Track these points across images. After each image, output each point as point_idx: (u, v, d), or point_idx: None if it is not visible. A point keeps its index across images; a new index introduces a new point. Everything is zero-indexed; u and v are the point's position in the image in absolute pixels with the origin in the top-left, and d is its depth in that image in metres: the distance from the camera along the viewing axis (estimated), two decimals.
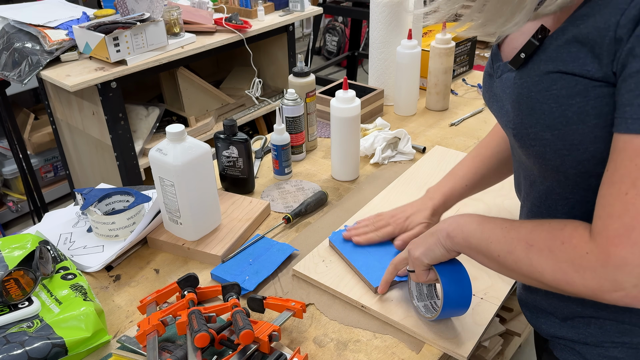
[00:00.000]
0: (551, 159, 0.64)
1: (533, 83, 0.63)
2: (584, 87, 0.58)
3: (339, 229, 1.06)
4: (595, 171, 0.61)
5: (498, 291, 0.90)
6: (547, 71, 0.61)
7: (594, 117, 0.58)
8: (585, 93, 0.58)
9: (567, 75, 0.59)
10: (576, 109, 0.59)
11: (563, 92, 0.59)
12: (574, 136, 0.60)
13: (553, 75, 0.60)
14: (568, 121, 0.60)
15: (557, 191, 0.68)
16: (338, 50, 4.74)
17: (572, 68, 0.58)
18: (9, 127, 2.18)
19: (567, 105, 0.59)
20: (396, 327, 0.85)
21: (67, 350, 0.77)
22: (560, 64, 0.60)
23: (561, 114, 0.60)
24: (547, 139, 0.62)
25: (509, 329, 1.72)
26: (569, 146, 0.61)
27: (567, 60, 0.59)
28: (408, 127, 1.52)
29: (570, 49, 0.59)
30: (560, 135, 0.61)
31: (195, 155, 0.97)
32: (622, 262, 0.53)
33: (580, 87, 0.58)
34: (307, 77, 1.32)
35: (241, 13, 2.25)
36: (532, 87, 0.63)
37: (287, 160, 1.27)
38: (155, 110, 2.10)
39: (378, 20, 1.54)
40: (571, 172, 0.64)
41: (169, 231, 1.06)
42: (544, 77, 0.61)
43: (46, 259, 0.93)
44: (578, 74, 0.58)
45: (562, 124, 0.60)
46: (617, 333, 0.67)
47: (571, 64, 0.59)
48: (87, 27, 1.74)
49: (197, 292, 0.87)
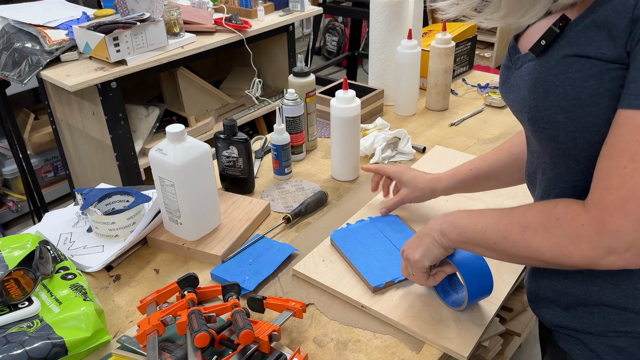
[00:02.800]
0: (563, 142, 0.65)
1: (550, 67, 0.64)
2: (598, 70, 0.59)
3: (341, 227, 1.06)
4: None
5: (498, 291, 0.90)
6: (564, 55, 0.62)
7: (607, 99, 0.59)
8: (599, 75, 0.59)
9: (582, 59, 0.60)
10: (590, 91, 0.60)
11: (578, 74, 0.61)
12: (587, 118, 0.61)
13: (570, 58, 0.62)
14: (582, 103, 0.61)
15: (565, 179, 0.69)
16: (338, 50, 4.74)
17: (588, 51, 0.60)
18: (9, 127, 2.18)
19: (582, 88, 0.60)
20: (396, 327, 0.85)
21: (67, 350, 0.77)
22: (577, 48, 0.61)
23: (575, 96, 0.61)
24: (561, 122, 0.63)
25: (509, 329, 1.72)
26: (582, 128, 0.62)
27: (584, 43, 0.60)
28: (408, 127, 1.52)
29: (588, 32, 0.60)
30: (573, 117, 0.62)
31: (195, 155, 0.97)
32: (616, 230, 0.56)
33: (595, 69, 0.59)
34: (307, 77, 1.32)
35: (241, 13, 2.25)
36: (550, 71, 0.64)
37: (287, 160, 1.27)
38: (155, 110, 2.10)
39: (378, 20, 1.54)
40: (582, 156, 0.65)
41: (169, 231, 1.06)
42: (561, 61, 0.63)
43: (46, 259, 0.93)
44: (593, 56, 0.59)
45: (576, 106, 0.61)
46: (621, 322, 0.67)
47: (587, 46, 0.60)
48: (87, 27, 1.74)
49: (197, 292, 0.87)
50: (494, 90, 1.68)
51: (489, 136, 1.45)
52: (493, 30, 4.21)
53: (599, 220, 0.57)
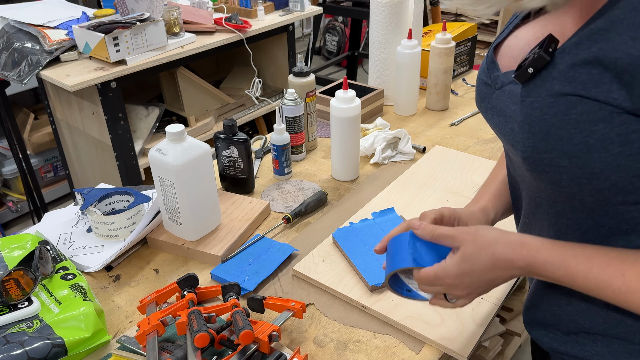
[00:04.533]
0: (567, 187, 0.59)
1: (547, 105, 0.57)
2: (608, 113, 0.52)
3: (343, 226, 1.06)
4: (615, 199, 0.57)
5: (498, 291, 0.90)
6: (563, 93, 0.55)
7: (618, 144, 0.53)
8: (609, 119, 0.53)
9: (588, 100, 0.53)
10: (599, 136, 0.53)
11: (584, 117, 0.54)
12: (595, 164, 0.55)
13: (571, 98, 0.55)
14: (589, 149, 0.54)
15: (569, 216, 0.64)
16: (338, 50, 4.74)
17: (595, 94, 0.53)
18: (9, 127, 2.18)
19: (589, 132, 0.54)
20: (396, 327, 0.85)
21: (66, 350, 0.77)
22: (579, 87, 0.54)
23: (582, 141, 0.54)
24: (564, 166, 0.57)
25: (509, 329, 1.72)
26: (589, 175, 0.56)
27: (587, 83, 0.53)
28: (408, 127, 1.52)
29: (591, 70, 0.53)
30: (579, 163, 0.55)
31: (195, 155, 0.97)
32: None
33: (604, 112, 0.53)
34: (307, 77, 1.32)
35: (241, 13, 2.25)
36: (546, 110, 0.57)
37: (287, 160, 1.26)
38: (155, 110, 2.10)
39: (378, 20, 1.54)
40: (588, 200, 0.59)
41: (169, 231, 1.06)
42: (560, 99, 0.56)
43: (46, 259, 0.93)
44: (602, 100, 0.52)
45: (583, 151, 0.55)
46: (626, 354, 0.63)
47: (594, 88, 0.53)
48: (87, 27, 1.74)
49: (197, 292, 0.86)
50: None
51: (489, 136, 1.45)
52: (493, 30, 4.21)
53: None
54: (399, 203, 1.15)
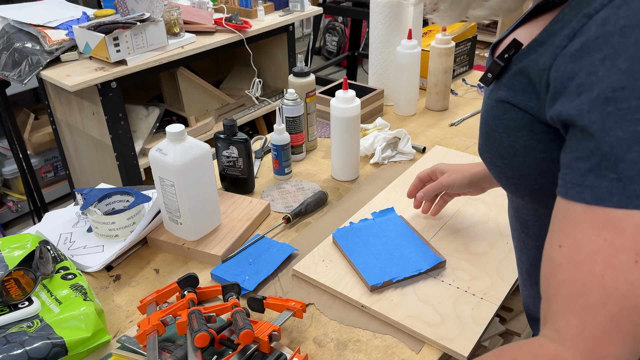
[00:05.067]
0: (506, 186, 0.63)
1: (491, 108, 0.61)
2: (529, 121, 0.56)
3: (343, 226, 1.06)
4: (550, 201, 0.55)
5: (498, 291, 0.90)
6: (500, 98, 0.59)
7: (539, 151, 0.56)
8: (530, 127, 0.56)
9: (515, 108, 0.57)
10: (522, 142, 0.57)
11: (511, 123, 0.58)
12: (522, 167, 0.59)
13: (505, 104, 0.59)
14: (516, 153, 0.58)
15: (524, 211, 0.68)
16: (338, 50, 4.74)
17: (519, 101, 0.56)
18: (9, 127, 2.18)
19: (515, 137, 0.58)
20: (396, 327, 0.85)
21: (67, 350, 0.77)
22: (511, 94, 0.58)
23: (509, 145, 0.59)
24: (500, 166, 0.62)
25: (509, 329, 1.72)
26: (519, 176, 0.60)
27: (517, 90, 0.57)
28: (408, 127, 1.52)
29: (522, 79, 0.56)
30: (509, 165, 0.60)
31: (195, 155, 0.97)
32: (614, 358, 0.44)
33: (525, 120, 0.56)
34: (307, 77, 1.32)
35: (241, 13, 2.25)
36: (490, 112, 0.61)
37: (287, 160, 1.27)
38: (155, 110, 2.10)
39: (378, 20, 1.54)
40: (527, 199, 0.63)
41: (169, 231, 1.06)
42: (499, 105, 0.60)
43: (46, 259, 0.93)
44: (523, 108, 0.56)
45: (511, 154, 0.59)
46: None
47: (520, 96, 0.56)
48: (87, 27, 1.74)
49: (197, 292, 0.87)
50: None
51: None
52: (493, 30, 4.21)
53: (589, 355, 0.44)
54: (399, 203, 1.15)
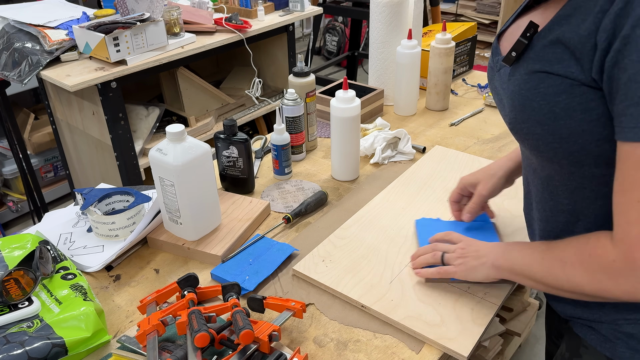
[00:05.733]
0: (544, 151, 0.68)
1: (523, 81, 0.67)
2: (569, 86, 0.61)
3: (429, 218, 1.08)
4: (587, 161, 0.65)
5: (498, 291, 0.90)
6: (534, 70, 0.65)
7: (580, 112, 0.62)
8: (570, 91, 0.61)
9: (552, 75, 0.63)
10: (563, 106, 0.62)
11: (550, 90, 0.63)
12: (563, 130, 0.64)
13: (540, 74, 0.64)
14: (556, 117, 0.63)
15: (556, 178, 0.72)
16: (338, 50, 4.74)
17: (557, 69, 0.62)
18: (9, 127, 2.18)
19: (554, 103, 0.63)
20: (396, 327, 0.85)
21: (67, 350, 0.77)
22: (546, 64, 0.64)
23: (549, 110, 0.64)
24: (539, 133, 0.66)
25: (509, 329, 1.72)
26: (559, 139, 0.65)
27: (552, 60, 0.63)
28: (408, 127, 1.52)
29: (555, 49, 0.62)
30: (550, 129, 0.65)
31: (195, 155, 0.97)
32: None
33: (565, 85, 0.62)
34: (307, 77, 1.32)
35: (241, 13, 2.25)
36: (523, 85, 0.67)
37: (287, 160, 1.27)
38: (155, 110, 2.10)
39: (378, 20, 1.54)
40: (564, 162, 0.68)
41: (169, 231, 1.06)
42: (532, 76, 0.65)
43: (46, 259, 0.93)
44: (562, 74, 0.62)
45: (551, 119, 0.64)
46: (630, 310, 0.70)
47: (556, 65, 0.62)
48: (87, 27, 1.74)
49: (197, 292, 0.87)
50: None
51: (489, 136, 1.45)
52: (493, 30, 4.21)
53: (628, 256, 0.59)
54: (399, 203, 1.15)
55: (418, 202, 1.15)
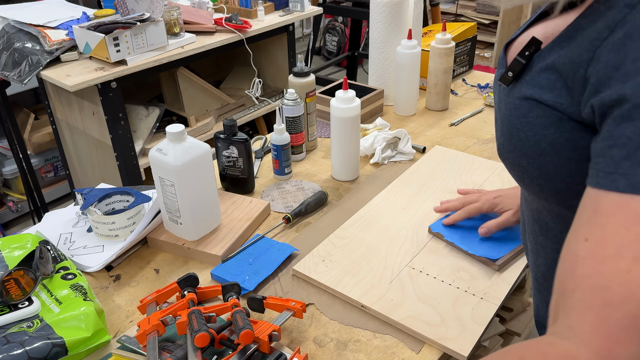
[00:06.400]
0: (530, 186, 0.62)
1: (514, 107, 0.60)
2: (558, 119, 0.54)
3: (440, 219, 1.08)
4: (575, 202, 0.53)
5: (498, 291, 0.90)
6: (526, 96, 0.58)
7: (567, 150, 0.54)
8: (559, 125, 0.54)
9: (542, 105, 0.56)
10: (550, 140, 0.55)
11: (538, 121, 0.56)
12: (549, 167, 0.57)
13: (531, 102, 0.57)
14: (542, 152, 0.57)
15: (545, 214, 0.66)
16: (338, 50, 4.74)
17: (547, 98, 0.55)
18: (9, 127, 2.18)
19: (542, 135, 0.56)
20: (396, 327, 0.85)
21: (67, 350, 0.77)
22: (537, 91, 0.56)
23: (535, 143, 0.57)
24: (524, 166, 0.60)
25: (509, 329, 1.72)
26: (545, 176, 0.58)
27: (544, 87, 0.55)
28: (408, 127, 1.52)
29: (549, 75, 0.55)
30: (535, 164, 0.58)
31: (195, 155, 0.97)
32: None
33: (554, 118, 0.55)
34: (307, 77, 1.32)
35: (241, 13, 2.25)
36: (513, 111, 0.60)
37: (287, 160, 1.27)
38: (155, 110, 2.10)
39: (378, 20, 1.54)
40: (551, 200, 0.61)
41: (169, 231, 1.06)
42: (523, 102, 0.58)
43: (46, 259, 0.93)
44: (552, 105, 0.54)
45: (537, 153, 0.57)
46: None
47: (548, 93, 0.55)
48: (87, 27, 1.74)
49: (197, 292, 0.87)
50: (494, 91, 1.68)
51: (489, 136, 1.45)
52: (493, 30, 4.21)
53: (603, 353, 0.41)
54: (399, 203, 1.15)
55: (418, 202, 1.15)
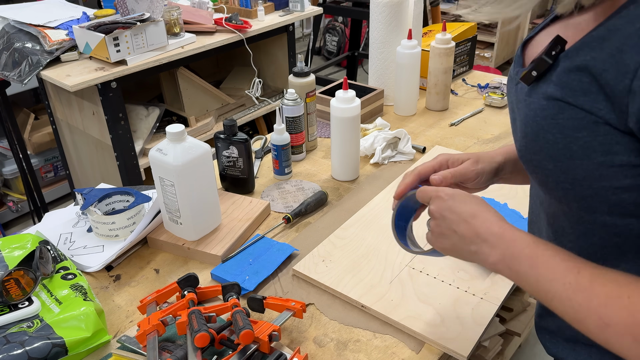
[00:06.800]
0: (553, 189, 0.59)
1: (540, 107, 0.57)
2: (592, 123, 0.52)
3: None
4: (600, 208, 0.55)
5: (498, 291, 0.90)
6: (554, 97, 0.55)
7: (600, 154, 0.52)
8: (593, 128, 0.52)
9: (574, 107, 0.53)
10: (582, 143, 0.53)
11: (569, 123, 0.54)
12: (577, 171, 0.55)
13: (560, 103, 0.54)
14: (572, 155, 0.54)
15: (562, 219, 0.64)
16: (338, 50, 4.74)
17: (582, 102, 0.52)
18: (9, 127, 2.18)
19: (573, 138, 0.54)
20: (396, 327, 0.85)
21: (67, 350, 0.77)
22: (568, 93, 0.54)
23: (565, 146, 0.54)
24: (550, 169, 0.58)
25: (509, 329, 1.72)
26: (572, 180, 0.56)
27: (576, 90, 0.53)
28: (408, 127, 1.52)
29: (582, 78, 0.52)
30: (562, 167, 0.56)
31: (195, 155, 0.97)
32: None
33: (587, 121, 0.52)
34: (307, 77, 1.32)
35: (241, 13, 2.25)
36: (539, 112, 0.57)
37: (287, 160, 1.27)
38: (155, 110, 2.10)
39: (378, 20, 1.54)
40: (574, 206, 0.59)
41: (169, 231, 1.06)
42: (551, 103, 0.55)
43: (46, 259, 0.93)
44: (587, 109, 0.52)
45: (566, 156, 0.55)
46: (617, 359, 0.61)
47: (581, 97, 0.52)
48: (87, 27, 1.74)
49: (197, 292, 0.87)
50: (494, 90, 1.68)
51: (489, 136, 1.45)
52: (493, 30, 4.21)
53: None
54: None
55: None
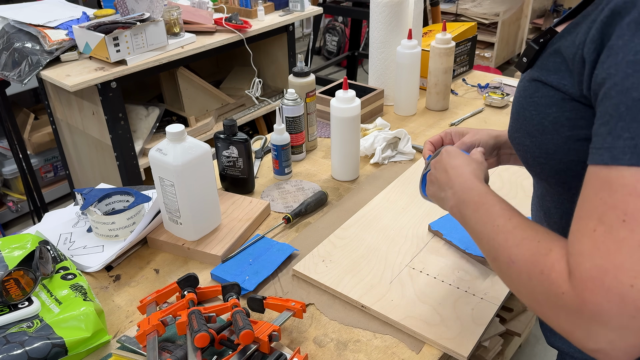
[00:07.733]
0: (532, 165, 0.65)
1: (523, 88, 0.64)
2: (560, 99, 0.58)
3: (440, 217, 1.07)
4: (574, 183, 0.60)
5: (498, 291, 0.90)
6: (533, 78, 0.62)
7: (567, 129, 0.58)
8: (561, 104, 0.58)
9: (547, 86, 0.60)
10: (552, 119, 0.60)
11: (542, 100, 0.61)
12: (549, 145, 0.61)
13: (537, 83, 0.62)
14: (544, 130, 0.61)
15: (547, 198, 0.69)
16: (338, 50, 4.74)
17: (552, 80, 0.59)
18: (9, 127, 2.18)
19: (545, 114, 0.60)
20: (396, 327, 0.85)
21: (67, 350, 0.77)
22: (544, 73, 0.61)
23: (539, 122, 0.61)
24: (527, 145, 0.64)
25: (509, 329, 1.72)
26: (545, 155, 0.62)
27: (550, 69, 0.60)
28: (408, 127, 1.52)
29: (555, 59, 0.60)
30: (537, 142, 0.62)
31: (195, 155, 0.97)
32: (597, 311, 0.46)
33: (556, 98, 0.59)
34: (307, 77, 1.32)
35: (241, 13, 2.25)
36: (522, 92, 0.64)
37: (287, 160, 1.27)
38: (155, 110, 2.10)
39: (378, 20, 1.54)
40: (552, 182, 0.65)
41: (169, 231, 1.06)
42: (531, 84, 0.63)
43: (46, 259, 0.93)
44: (555, 86, 0.59)
45: (539, 131, 0.61)
46: None
47: (553, 75, 0.59)
48: (87, 27, 1.74)
49: (197, 292, 0.87)
50: (494, 90, 1.68)
51: None
52: (493, 30, 4.21)
53: (578, 293, 0.48)
54: (399, 203, 1.15)
55: (418, 202, 1.15)
